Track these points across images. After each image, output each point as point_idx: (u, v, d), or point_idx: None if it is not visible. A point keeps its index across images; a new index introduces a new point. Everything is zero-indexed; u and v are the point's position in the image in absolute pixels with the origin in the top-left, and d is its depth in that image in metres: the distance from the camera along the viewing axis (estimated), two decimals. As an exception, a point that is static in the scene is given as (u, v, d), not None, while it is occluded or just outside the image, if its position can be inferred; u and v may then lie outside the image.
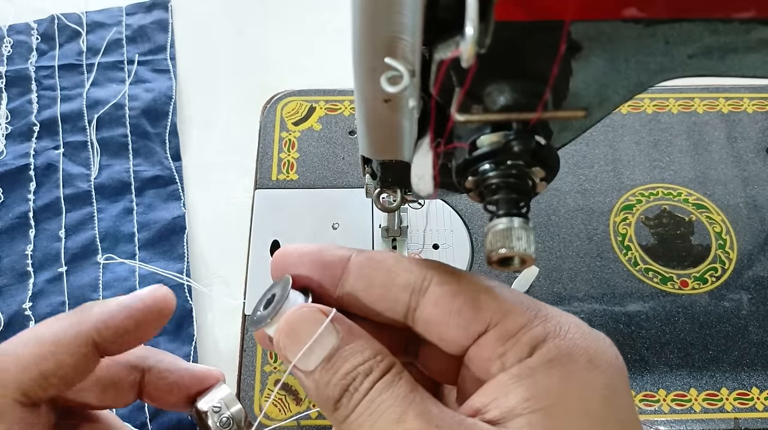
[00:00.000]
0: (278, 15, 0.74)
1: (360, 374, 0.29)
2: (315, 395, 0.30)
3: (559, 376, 0.27)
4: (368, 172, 0.41)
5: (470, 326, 0.30)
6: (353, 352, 0.29)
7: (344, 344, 0.29)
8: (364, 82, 0.29)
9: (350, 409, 0.28)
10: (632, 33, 0.26)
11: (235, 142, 0.66)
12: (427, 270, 0.31)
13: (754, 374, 0.53)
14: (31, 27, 0.71)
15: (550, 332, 0.29)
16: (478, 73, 0.25)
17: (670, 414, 0.52)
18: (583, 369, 0.28)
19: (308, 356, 0.29)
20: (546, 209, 0.60)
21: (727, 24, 0.26)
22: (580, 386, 0.28)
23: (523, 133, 0.26)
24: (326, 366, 0.29)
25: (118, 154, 0.64)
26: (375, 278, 0.32)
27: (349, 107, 0.66)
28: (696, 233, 0.60)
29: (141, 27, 0.72)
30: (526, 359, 0.28)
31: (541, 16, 0.23)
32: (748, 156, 0.64)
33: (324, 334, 0.29)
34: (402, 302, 0.31)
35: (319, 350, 0.29)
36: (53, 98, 0.67)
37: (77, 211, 0.61)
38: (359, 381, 0.29)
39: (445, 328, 0.31)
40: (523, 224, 0.27)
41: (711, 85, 0.68)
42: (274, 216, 0.59)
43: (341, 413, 0.29)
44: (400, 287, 0.31)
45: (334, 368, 0.29)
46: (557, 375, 0.27)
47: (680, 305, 0.56)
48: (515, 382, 0.28)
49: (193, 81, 0.70)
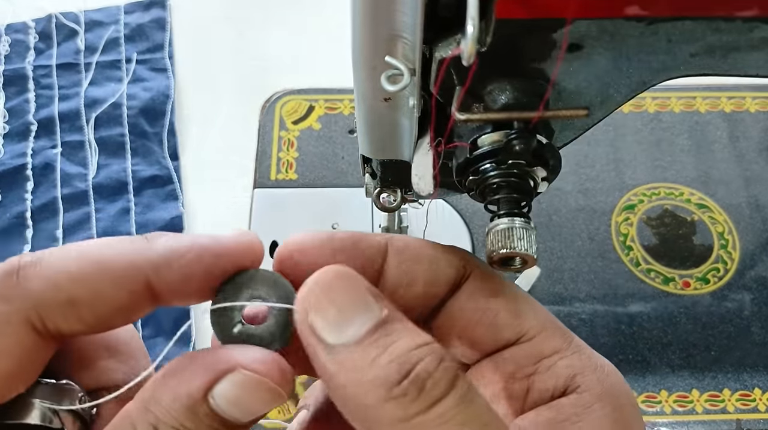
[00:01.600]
0: (277, 13, 0.74)
1: (432, 355, 0.22)
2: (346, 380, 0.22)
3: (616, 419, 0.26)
4: (368, 171, 0.40)
5: (503, 331, 0.27)
6: (408, 327, 0.23)
7: (393, 320, 0.23)
8: (364, 80, 0.28)
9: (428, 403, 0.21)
10: (634, 31, 0.25)
11: (234, 141, 0.65)
12: (467, 262, 0.28)
13: (756, 374, 0.53)
14: (29, 26, 0.71)
15: (588, 367, 0.26)
16: (479, 72, 0.25)
17: (672, 415, 0.51)
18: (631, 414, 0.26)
19: (344, 325, 0.22)
20: (547, 209, 0.60)
21: (730, 22, 0.26)
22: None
23: (525, 133, 0.26)
24: (371, 338, 0.22)
25: (116, 154, 0.64)
26: (418, 274, 0.27)
27: (349, 106, 0.65)
28: (698, 233, 0.59)
29: (139, 26, 0.71)
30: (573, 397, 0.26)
31: (543, 13, 0.23)
32: (750, 155, 0.63)
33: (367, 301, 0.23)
34: (438, 297, 0.28)
35: (361, 319, 0.22)
36: (51, 97, 0.67)
37: (75, 211, 0.60)
38: (432, 364, 0.21)
39: (473, 327, 0.27)
40: (525, 223, 0.27)
41: (713, 84, 0.68)
42: (273, 216, 0.59)
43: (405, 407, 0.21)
44: (443, 282, 0.28)
45: (387, 341, 0.22)
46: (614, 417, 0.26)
47: (682, 306, 0.56)
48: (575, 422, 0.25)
49: (191, 80, 0.69)
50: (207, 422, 0.23)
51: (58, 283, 0.24)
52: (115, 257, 0.25)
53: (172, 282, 0.25)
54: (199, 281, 0.25)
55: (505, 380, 0.27)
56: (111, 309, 0.25)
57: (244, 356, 0.24)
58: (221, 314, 0.25)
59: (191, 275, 0.25)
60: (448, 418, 0.21)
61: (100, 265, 0.24)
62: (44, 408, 0.26)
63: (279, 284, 0.26)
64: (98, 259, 0.24)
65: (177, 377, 0.24)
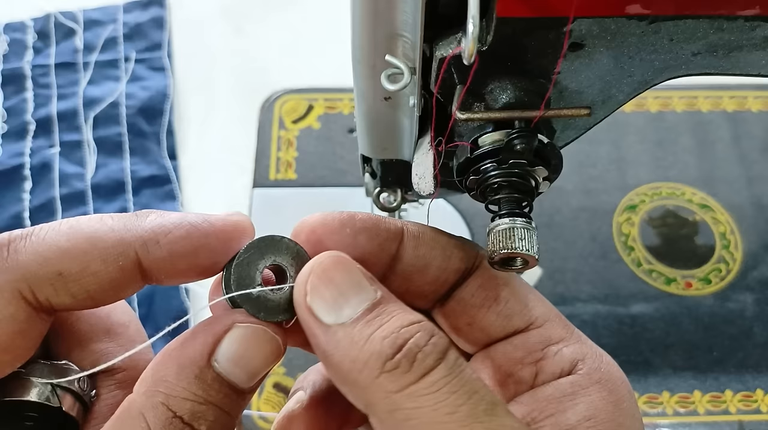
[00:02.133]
0: (276, 12, 0.74)
1: (422, 331, 0.23)
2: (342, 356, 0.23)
3: (612, 402, 0.27)
4: (368, 171, 0.40)
5: (512, 319, 0.29)
6: (402, 308, 0.24)
7: (388, 301, 0.24)
8: (364, 79, 0.28)
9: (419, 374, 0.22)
10: (636, 30, 0.25)
11: (233, 140, 0.65)
12: (478, 252, 0.29)
13: (758, 375, 0.53)
14: (27, 25, 0.71)
15: (589, 354, 0.28)
16: (480, 71, 0.25)
17: (674, 416, 0.51)
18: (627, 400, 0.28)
19: (341, 307, 0.24)
20: (549, 209, 0.60)
21: (732, 21, 0.25)
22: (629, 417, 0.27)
23: (526, 132, 0.26)
24: (366, 318, 0.23)
25: (114, 153, 0.63)
26: (431, 259, 0.28)
27: (349, 105, 0.65)
28: (700, 233, 0.59)
29: (137, 24, 0.71)
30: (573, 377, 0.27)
31: (544, 12, 0.23)
32: (752, 155, 0.63)
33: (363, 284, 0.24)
34: (448, 283, 0.29)
35: (356, 300, 0.24)
36: (49, 97, 0.66)
37: (73, 210, 0.60)
38: (423, 339, 0.23)
39: (484, 313, 0.29)
40: (526, 223, 0.27)
41: (715, 84, 0.67)
42: (272, 215, 0.59)
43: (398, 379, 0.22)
44: (454, 270, 0.29)
45: (380, 320, 0.23)
46: (610, 401, 0.27)
47: (684, 307, 0.56)
48: (571, 399, 0.27)
49: (190, 79, 0.69)
50: (216, 388, 0.24)
51: (47, 256, 0.24)
52: (104, 232, 0.25)
53: (159, 258, 0.25)
54: (187, 259, 0.26)
55: (514, 365, 0.28)
56: (100, 283, 0.25)
57: (240, 315, 0.25)
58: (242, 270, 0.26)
59: (179, 251, 0.25)
60: (439, 386, 0.22)
61: (90, 239, 0.25)
62: (42, 386, 0.26)
63: (300, 256, 0.27)
64: (88, 233, 0.25)
65: (178, 350, 0.25)
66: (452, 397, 0.22)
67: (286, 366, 0.52)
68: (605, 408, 0.27)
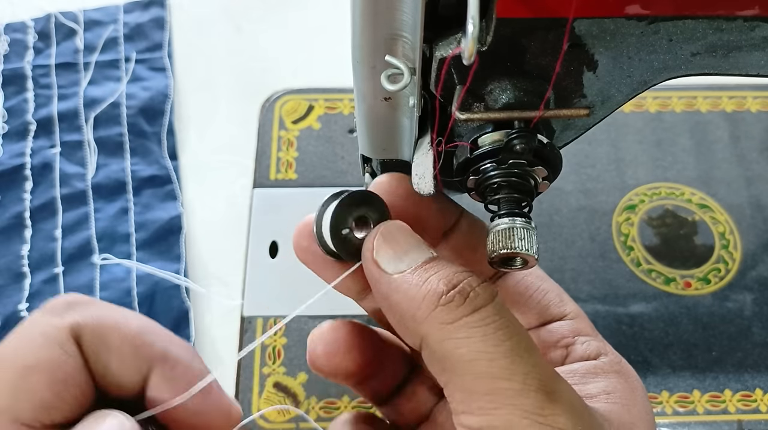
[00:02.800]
0: (277, 12, 0.74)
1: (473, 276, 0.26)
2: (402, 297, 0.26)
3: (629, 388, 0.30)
4: (368, 171, 0.40)
5: (550, 308, 0.33)
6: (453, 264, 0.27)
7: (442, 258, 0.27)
8: (364, 80, 0.28)
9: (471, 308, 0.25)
10: (635, 30, 0.25)
11: (233, 140, 0.65)
12: None
13: (757, 375, 0.53)
14: (28, 25, 0.71)
15: (611, 352, 0.32)
16: (480, 71, 0.25)
17: (673, 416, 0.51)
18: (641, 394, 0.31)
19: (401, 258, 0.27)
20: (548, 209, 0.60)
21: (731, 21, 0.26)
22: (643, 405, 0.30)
23: (525, 132, 0.26)
24: (425, 266, 0.26)
25: (114, 154, 0.63)
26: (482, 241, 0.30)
27: (349, 106, 0.65)
28: (699, 233, 0.59)
29: (138, 25, 0.71)
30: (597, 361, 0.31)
31: (544, 13, 0.23)
32: (751, 155, 0.63)
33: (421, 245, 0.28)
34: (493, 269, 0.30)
35: (414, 255, 0.27)
36: (50, 97, 0.66)
37: (74, 211, 0.60)
38: (475, 282, 0.26)
39: (525, 301, 0.33)
40: (525, 223, 0.27)
41: (714, 84, 0.67)
42: (272, 216, 0.59)
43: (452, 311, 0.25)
44: None
45: (437, 267, 0.26)
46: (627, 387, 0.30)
47: (683, 306, 0.56)
48: (593, 376, 0.30)
49: (190, 79, 0.69)
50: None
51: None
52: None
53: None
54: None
55: (548, 347, 0.32)
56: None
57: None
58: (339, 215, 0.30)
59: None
60: (488, 322, 0.25)
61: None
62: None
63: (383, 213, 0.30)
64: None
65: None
66: (499, 332, 0.24)
67: (286, 366, 0.52)
68: (623, 390, 0.30)
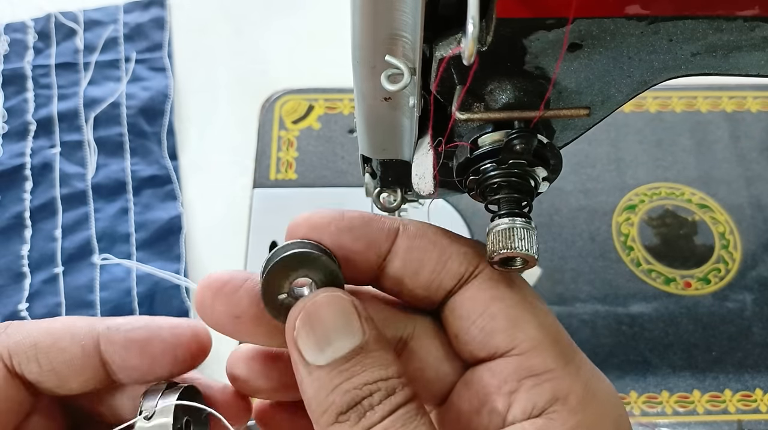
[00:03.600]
0: (277, 12, 0.74)
1: (381, 390, 0.24)
2: (312, 397, 0.25)
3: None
4: (368, 171, 0.40)
5: (494, 337, 0.27)
6: (377, 362, 0.25)
7: (369, 350, 0.25)
8: (364, 80, 0.28)
9: (365, 427, 0.24)
10: (635, 30, 0.25)
11: (233, 141, 0.65)
12: (481, 257, 0.28)
13: (757, 375, 0.53)
14: (28, 25, 0.71)
15: (575, 393, 0.26)
16: (480, 71, 0.25)
17: (673, 416, 0.51)
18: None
19: (322, 349, 0.25)
20: (548, 209, 0.60)
21: (731, 21, 0.25)
22: None
23: (525, 132, 0.26)
24: (341, 366, 0.24)
25: (114, 154, 0.63)
26: (426, 263, 0.28)
27: (349, 106, 0.65)
28: (699, 233, 0.59)
29: (138, 25, 0.71)
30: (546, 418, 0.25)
31: (544, 13, 0.23)
32: (751, 155, 0.63)
33: (350, 328, 0.25)
34: (444, 290, 0.28)
35: (339, 344, 0.25)
36: (50, 97, 0.66)
37: (73, 211, 0.60)
38: (377, 398, 0.24)
39: (468, 327, 0.27)
40: (525, 224, 0.27)
41: (714, 84, 0.67)
42: (272, 215, 0.59)
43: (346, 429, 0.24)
44: (450, 275, 0.28)
45: (351, 373, 0.24)
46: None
47: (683, 306, 0.56)
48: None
49: (190, 79, 0.69)
50: None
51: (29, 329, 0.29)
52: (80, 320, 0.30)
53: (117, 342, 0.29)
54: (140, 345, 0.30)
55: (489, 394, 0.27)
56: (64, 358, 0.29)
57: None
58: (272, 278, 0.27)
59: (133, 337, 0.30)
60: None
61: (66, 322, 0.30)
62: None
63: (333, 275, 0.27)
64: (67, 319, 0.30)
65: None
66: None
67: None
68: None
